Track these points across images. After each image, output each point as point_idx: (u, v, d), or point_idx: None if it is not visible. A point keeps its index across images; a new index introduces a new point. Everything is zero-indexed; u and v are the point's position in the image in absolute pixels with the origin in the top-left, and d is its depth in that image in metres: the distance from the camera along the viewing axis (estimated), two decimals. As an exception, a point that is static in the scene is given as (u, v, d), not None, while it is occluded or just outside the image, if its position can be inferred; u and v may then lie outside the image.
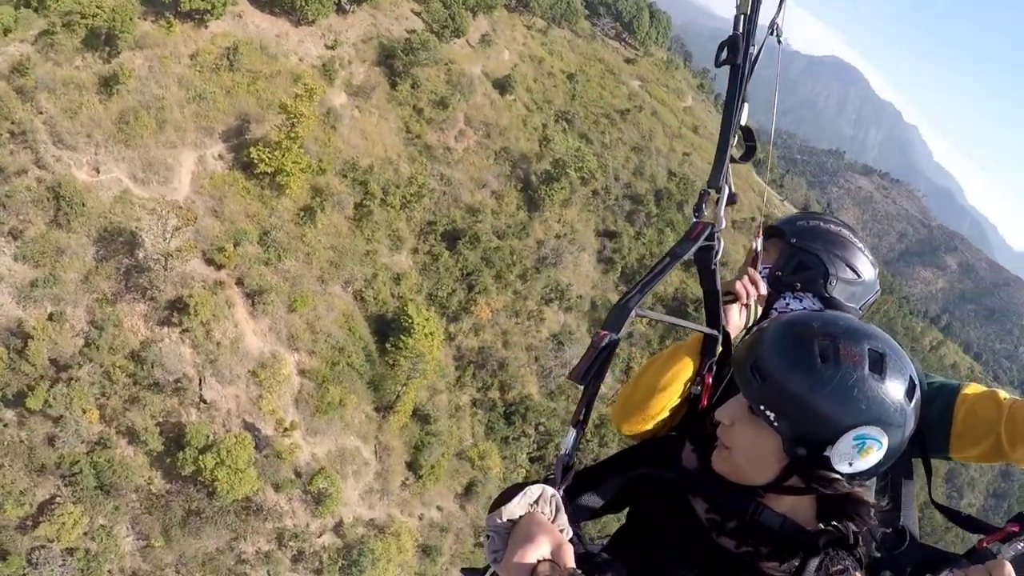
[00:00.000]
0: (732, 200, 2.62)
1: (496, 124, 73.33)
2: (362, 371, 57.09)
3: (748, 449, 1.95)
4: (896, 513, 2.33)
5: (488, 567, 1.97)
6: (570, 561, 1.68)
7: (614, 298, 73.61)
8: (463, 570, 2.23)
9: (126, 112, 57.07)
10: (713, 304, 2.67)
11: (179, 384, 51.20)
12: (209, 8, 60.81)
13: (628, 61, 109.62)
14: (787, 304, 2.99)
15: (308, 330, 56.09)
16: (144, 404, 50.08)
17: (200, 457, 48.09)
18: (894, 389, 1.81)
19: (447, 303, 65.21)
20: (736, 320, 2.85)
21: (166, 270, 52.73)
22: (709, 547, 2.04)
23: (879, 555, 2.06)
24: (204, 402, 51.88)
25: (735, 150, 2.60)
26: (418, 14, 76.00)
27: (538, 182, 71.49)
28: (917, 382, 1.88)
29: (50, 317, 51.54)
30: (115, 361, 50.81)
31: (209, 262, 55.39)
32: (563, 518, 1.91)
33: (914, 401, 1.85)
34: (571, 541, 1.81)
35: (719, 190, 2.56)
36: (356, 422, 56.28)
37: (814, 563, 1.92)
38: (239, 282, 55.23)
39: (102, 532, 47.64)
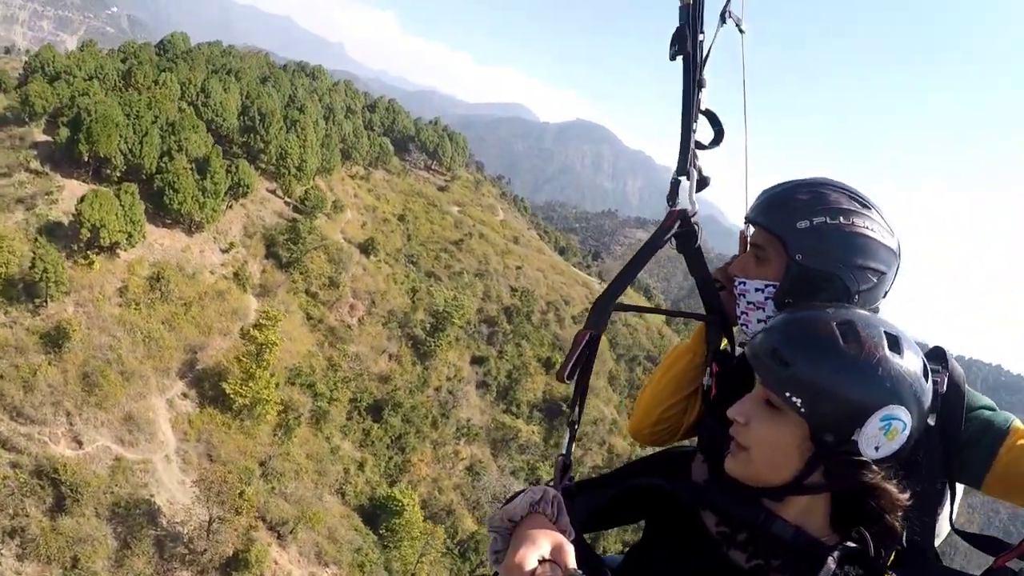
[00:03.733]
0: (703, 184, 2.94)
1: (377, 290, 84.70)
2: (379, 562, 66.79)
3: (768, 445, 2.05)
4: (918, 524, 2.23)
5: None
6: (571, 562, 1.83)
7: (501, 419, 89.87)
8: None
9: (89, 371, 59.43)
10: (706, 290, 2.96)
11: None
12: (127, 237, 64.26)
13: (441, 189, 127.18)
14: None
15: (329, 542, 64.32)
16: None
17: None
18: (913, 368, 1.98)
19: (389, 470, 76.05)
20: (728, 307, 2.96)
21: (210, 536, 57.65)
22: (719, 562, 2.16)
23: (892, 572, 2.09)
24: (283, 645, 58.43)
25: (701, 137, 2.91)
26: (273, 191, 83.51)
27: (424, 334, 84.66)
28: (928, 366, 2.06)
29: None
30: (189, 637, 55.25)
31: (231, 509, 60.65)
32: (565, 519, 2.07)
33: (928, 383, 2.03)
34: (573, 542, 1.93)
35: (688, 176, 2.88)
36: (391, 611, 66.02)
37: None
38: (262, 519, 61.54)
39: None
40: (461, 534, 79.67)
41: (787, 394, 1.95)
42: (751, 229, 2.92)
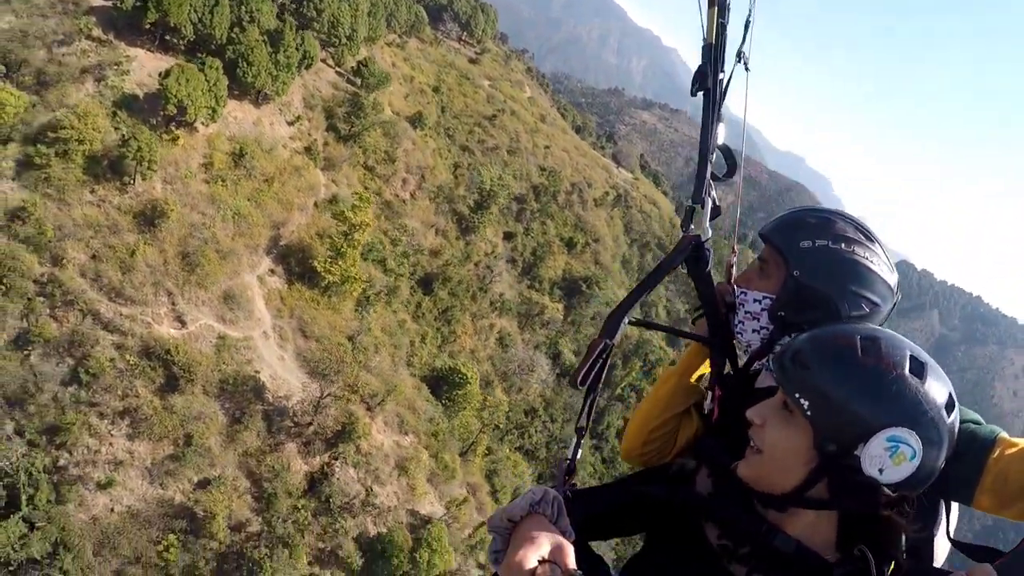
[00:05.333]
0: (716, 213, 3.02)
1: (426, 165, 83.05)
2: (447, 431, 69.12)
3: (778, 449, 2.03)
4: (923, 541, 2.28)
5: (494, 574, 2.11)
6: (571, 562, 1.81)
7: (526, 294, 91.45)
8: None
9: (189, 251, 58.02)
10: (712, 314, 2.97)
11: (362, 501, 59.24)
12: (210, 113, 61.46)
13: (472, 61, 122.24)
14: None
15: (410, 412, 66.10)
16: (340, 530, 57.61)
17: (416, 554, 57.84)
18: (933, 396, 1.90)
19: (438, 342, 77.38)
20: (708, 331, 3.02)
21: (317, 411, 58.53)
22: (719, 574, 2.13)
23: None
24: (376, 507, 60.72)
25: (716, 169, 3.03)
26: (323, 61, 79.46)
27: (468, 211, 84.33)
28: (956, 401, 1.98)
29: (202, 485, 54.75)
30: (296, 504, 56.87)
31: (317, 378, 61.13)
32: (565, 520, 2.05)
33: (952, 417, 1.94)
34: (573, 543, 1.92)
35: (703, 205, 2.97)
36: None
37: None
38: (355, 391, 62.60)
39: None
40: (490, 404, 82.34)
41: (796, 395, 1.97)
42: (735, 257, 3.22)
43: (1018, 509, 2.38)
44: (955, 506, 2.52)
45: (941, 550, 2.48)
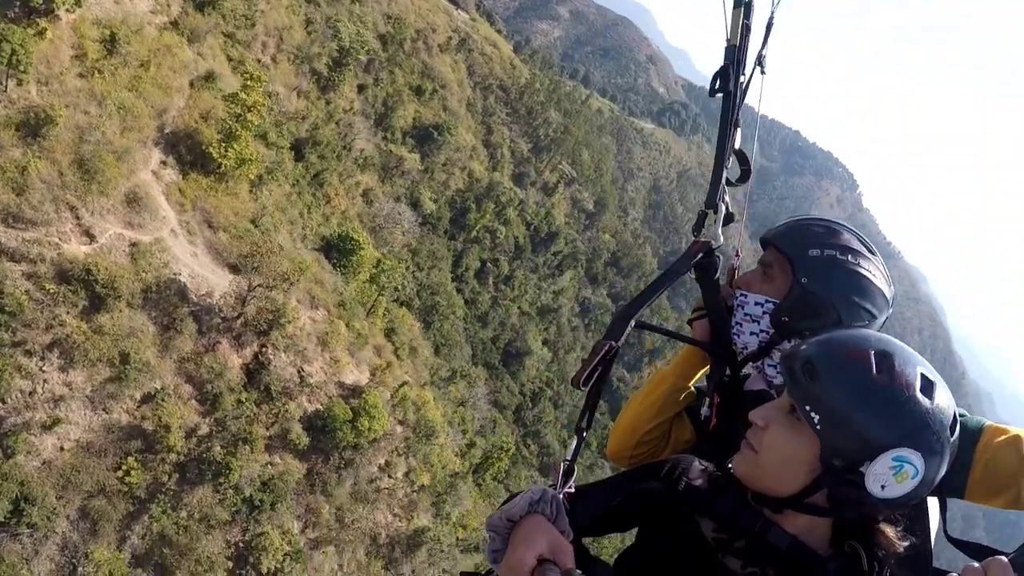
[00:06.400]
0: (729, 219, 2.96)
1: (283, 25, 76.49)
2: (350, 298, 69.85)
3: (779, 454, 1.98)
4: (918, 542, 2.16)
5: (489, 571, 2.11)
6: (569, 561, 1.81)
7: (383, 146, 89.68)
8: (462, 574, 2.41)
9: (85, 157, 53.04)
10: (718, 322, 2.91)
11: (296, 383, 60.13)
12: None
13: None
14: None
15: (318, 286, 66.14)
16: (284, 414, 58.85)
17: (357, 423, 60.27)
18: (941, 417, 1.85)
19: (317, 207, 75.84)
20: (706, 335, 3.00)
21: (245, 303, 57.47)
22: (714, 569, 2.10)
23: None
24: (309, 386, 61.90)
25: (730, 173, 2.94)
26: None
27: (327, 69, 79.90)
28: (958, 417, 1.94)
29: (146, 400, 53.53)
30: (240, 397, 57.05)
31: (234, 269, 59.37)
32: (564, 519, 2.04)
33: (955, 436, 1.90)
34: (571, 543, 1.92)
35: (716, 210, 2.90)
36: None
37: None
38: (285, 279, 61.16)
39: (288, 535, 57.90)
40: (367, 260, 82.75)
41: (807, 408, 1.92)
42: (738, 260, 3.24)
43: (1008, 497, 2.45)
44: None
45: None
